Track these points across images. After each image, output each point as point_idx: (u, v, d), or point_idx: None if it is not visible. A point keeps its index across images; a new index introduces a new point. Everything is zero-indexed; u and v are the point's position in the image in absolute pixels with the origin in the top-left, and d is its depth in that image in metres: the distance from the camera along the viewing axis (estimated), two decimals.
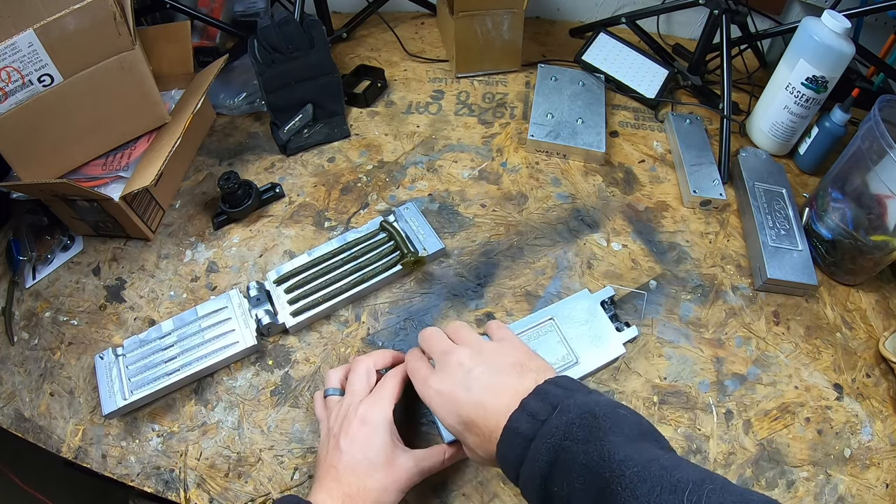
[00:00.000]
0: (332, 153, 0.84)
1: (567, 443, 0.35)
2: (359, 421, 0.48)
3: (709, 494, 0.30)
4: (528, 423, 0.38)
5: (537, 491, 0.37)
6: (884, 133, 0.59)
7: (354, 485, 0.46)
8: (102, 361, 0.61)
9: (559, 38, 1.03)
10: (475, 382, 0.43)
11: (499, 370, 0.43)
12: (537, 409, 0.38)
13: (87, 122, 0.71)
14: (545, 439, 0.36)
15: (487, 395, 0.41)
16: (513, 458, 0.38)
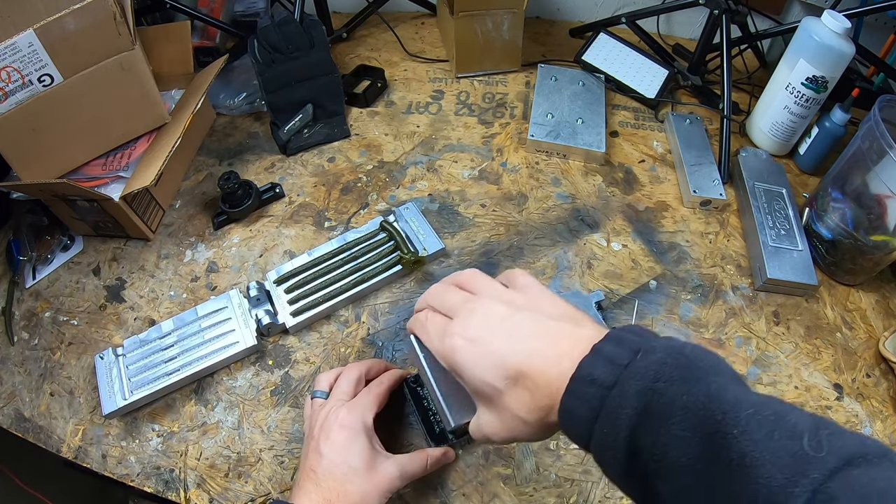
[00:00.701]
0: (332, 153, 0.84)
1: (660, 385, 0.29)
2: (338, 425, 0.48)
3: (828, 439, 0.26)
4: (606, 368, 0.30)
5: (622, 446, 0.29)
6: (884, 133, 0.59)
7: (334, 489, 0.45)
8: (102, 361, 0.61)
9: (559, 38, 1.03)
10: (519, 329, 0.35)
11: (548, 316, 0.36)
12: (615, 354, 0.31)
13: (87, 122, 0.71)
14: (631, 383, 0.29)
15: (540, 341, 0.34)
16: (584, 411, 0.31)
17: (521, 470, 0.55)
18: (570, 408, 0.32)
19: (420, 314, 0.43)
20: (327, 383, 0.54)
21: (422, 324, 0.42)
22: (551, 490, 0.54)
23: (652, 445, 0.29)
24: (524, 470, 0.55)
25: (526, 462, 0.56)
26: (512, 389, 0.34)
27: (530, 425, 0.35)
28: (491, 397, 0.36)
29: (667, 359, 0.30)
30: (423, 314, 0.42)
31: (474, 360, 0.36)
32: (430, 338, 0.40)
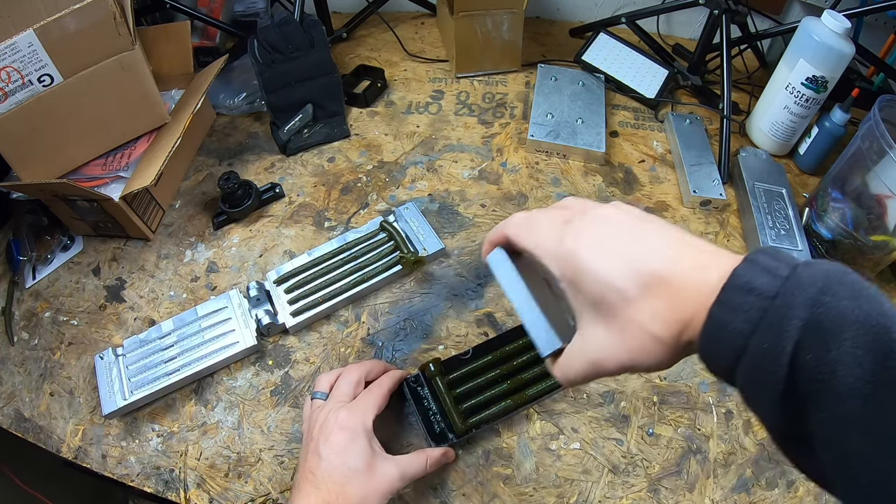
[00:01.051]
0: (332, 153, 0.84)
1: (828, 298, 0.25)
2: (338, 427, 0.48)
3: None
4: (766, 277, 0.27)
5: (785, 362, 0.25)
6: (884, 133, 0.59)
7: (333, 491, 0.45)
8: (102, 361, 0.61)
9: (559, 38, 1.03)
10: (653, 235, 0.31)
11: (676, 229, 0.32)
12: (773, 266, 0.27)
13: (87, 122, 0.71)
14: (797, 294, 0.26)
15: (679, 247, 0.30)
16: (740, 323, 0.26)
17: (521, 470, 0.55)
18: (721, 319, 0.27)
19: (519, 215, 0.37)
20: (327, 384, 0.54)
21: (528, 225, 0.35)
22: (551, 490, 0.54)
23: (818, 363, 0.25)
24: (524, 470, 0.55)
25: (526, 462, 0.56)
26: (646, 297, 0.29)
27: (661, 343, 0.29)
28: (615, 308, 0.30)
29: (832, 272, 0.26)
30: (523, 215, 0.37)
31: (602, 260, 0.30)
32: (542, 238, 0.34)
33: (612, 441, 0.57)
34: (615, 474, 0.55)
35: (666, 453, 0.56)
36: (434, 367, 0.57)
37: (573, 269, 0.32)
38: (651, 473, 0.55)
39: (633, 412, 0.59)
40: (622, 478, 0.55)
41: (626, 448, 0.56)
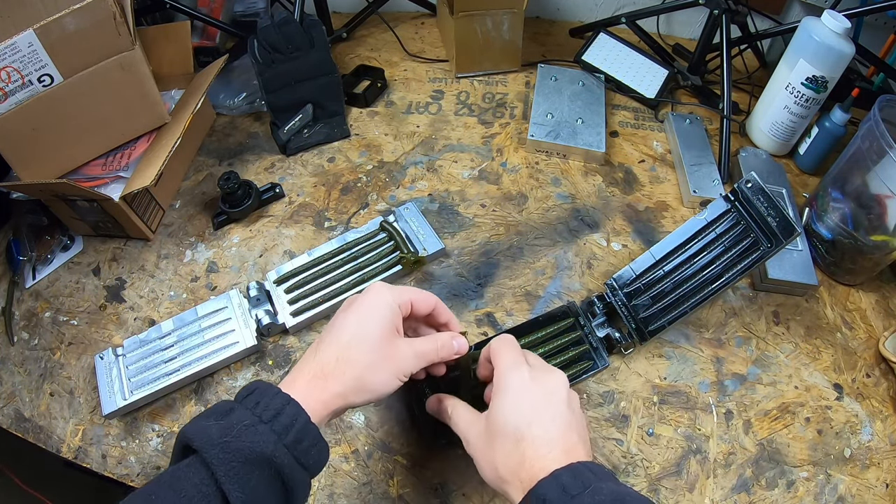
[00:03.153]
0: (332, 153, 0.84)
1: None
2: (363, 296, 0.45)
3: None
4: (558, 494, 0.36)
5: None
6: (884, 133, 0.59)
7: (333, 355, 0.42)
8: (102, 361, 0.61)
9: (559, 38, 1.03)
10: (562, 417, 0.41)
11: (574, 423, 0.42)
12: (569, 484, 0.36)
13: (87, 122, 0.71)
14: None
15: (559, 432, 0.40)
16: None
17: None
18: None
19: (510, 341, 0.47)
20: None
21: (511, 348, 0.46)
22: None
23: None
24: None
25: None
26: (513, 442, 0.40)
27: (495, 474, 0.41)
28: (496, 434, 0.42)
29: (607, 502, 0.35)
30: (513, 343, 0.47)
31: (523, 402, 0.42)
32: (509, 362, 0.44)
33: (612, 441, 0.57)
34: (615, 474, 0.55)
35: (666, 453, 0.56)
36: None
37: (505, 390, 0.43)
38: (651, 473, 0.55)
39: (633, 412, 0.59)
40: (622, 478, 0.55)
41: (626, 448, 0.56)
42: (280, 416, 0.37)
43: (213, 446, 0.34)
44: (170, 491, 0.34)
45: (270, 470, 0.35)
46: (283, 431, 0.36)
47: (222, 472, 0.34)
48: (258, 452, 0.35)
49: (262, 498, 0.35)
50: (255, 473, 0.34)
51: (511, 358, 0.45)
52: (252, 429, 0.36)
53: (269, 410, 0.37)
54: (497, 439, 0.41)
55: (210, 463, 0.34)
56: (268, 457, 0.35)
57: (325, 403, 0.40)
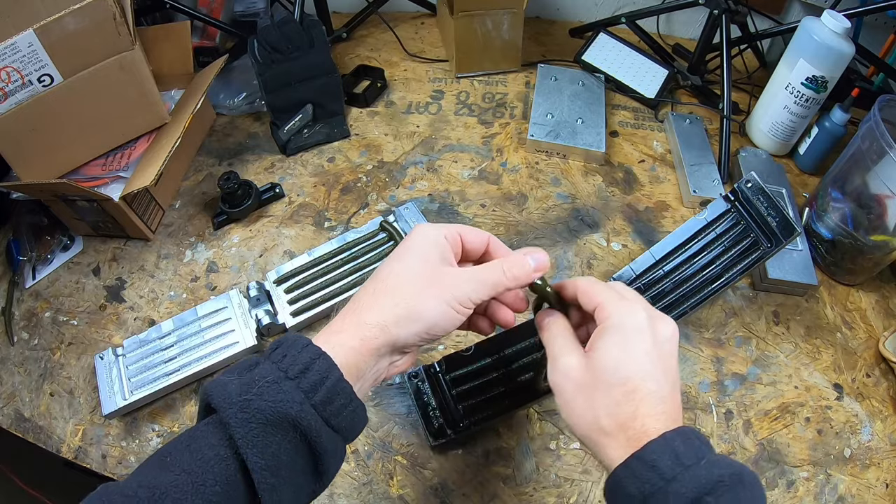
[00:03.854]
0: (332, 153, 0.84)
1: (709, 499, 0.30)
2: (405, 238, 0.40)
3: None
4: (671, 461, 0.31)
5: None
6: (884, 133, 0.59)
7: (370, 290, 0.37)
8: (102, 361, 0.61)
9: (559, 38, 1.03)
10: (673, 372, 0.36)
11: (678, 381, 0.37)
12: (682, 452, 0.32)
13: (87, 122, 0.71)
14: (687, 486, 0.31)
15: (670, 389, 0.35)
16: (633, 489, 0.32)
17: (521, 470, 0.55)
18: (621, 479, 0.33)
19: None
20: None
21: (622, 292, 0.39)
22: (551, 490, 0.54)
23: None
24: (524, 470, 0.55)
25: (526, 462, 0.56)
26: (622, 399, 0.34)
27: (589, 427, 0.35)
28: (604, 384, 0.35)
29: (725, 478, 0.31)
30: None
31: (641, 353, 0.35)
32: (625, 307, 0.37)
33: None
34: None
35: None
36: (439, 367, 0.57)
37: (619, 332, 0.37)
38: None
39: None
40: None
41: None
42: (309, 371, 0.32)
43: (232, 405, 0.30)
44: (186, 452, 0.31)
45: (295, 433, 0.31)
46: (310, 389, 0.31)
47: (240, 433, 0.30)
48: (281, 413, 0.30)
49: (286, 464, 0.31)
50: (278, 436, 0.30)
51: (616, 294, 0.38)
52: (275, 385, 0.31)
53: (296, 365, 0.32)
54: (602, 385, 0.35)
55: (228, 423, 0.30)
56: (292, 417, 0.30)
57: (364, 341, 0.35)
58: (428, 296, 0.36)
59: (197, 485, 0.30)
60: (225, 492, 0.30)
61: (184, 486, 0.29)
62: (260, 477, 0.30)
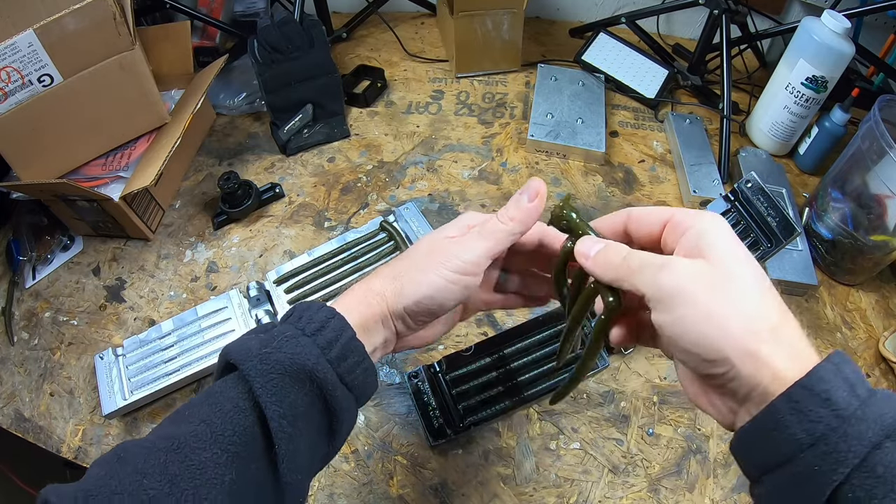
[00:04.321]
0: (332, 153, 0.84)
1: (888, 443, 0.24)
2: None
3: None
4: (846, 392, 0.25)
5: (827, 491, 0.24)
6: (884, 133, 0.59)
7: (387, 263, 0.38)
8: (102, 361, 0.61)
9: (559, 38, 1.03)
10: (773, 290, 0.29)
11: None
12: (854, 379, 0.25)
13: (87, 122, 0.71)
14: (866, 425, 0.24)
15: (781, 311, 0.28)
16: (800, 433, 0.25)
17: (521, 470, 0.55)
18: (782, 418, 0.26)
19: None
20: None
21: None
22: (551, 490, 0.54)
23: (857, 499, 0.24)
24: (524, 470, 0.55)
25: (526, 462, 0.56)
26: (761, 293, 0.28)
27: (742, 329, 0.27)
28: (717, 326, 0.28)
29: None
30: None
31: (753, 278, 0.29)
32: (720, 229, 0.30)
33: (612, 441, 0.57)
34: (615, 474, 0.55)
35: (666, 453, 0.56)
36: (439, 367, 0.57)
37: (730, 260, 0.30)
38: (651, 473, 0.55)
39: (633, 412, 0.59)
40: (622, 478, 0.55)
41: (626, 448, 0.56)
42: (324, 329, 0.33)
43: (251, 358, 0.31)
44: (205, 405, 0.31)
45: (312, 385, 0.31)
46: (326, 346, 0.32)
47: (259, 383, 0.30)
48: (299, 364, 0.31)
49: (303, 415, 0.31)
50: (296, 387, 0.31)
51: (694, 212, 0.32)
52: (294, 340, 0.32)
53: (312, 323, 0.33)
54: (736, 283, 0.28)
55: (247, 375, 0.31)
56: (309, 370, 0.31)
57: (370, 307, 0.35)
58: (423, 268, 0.35)
59: (216, 434, 0.30)
60: (243, 441, 0.30)
61: (202, 434, 0.30)
62: (277, 425, 0.30)
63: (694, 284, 0.28)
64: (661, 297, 0.28)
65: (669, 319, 0.28)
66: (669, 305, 0.28)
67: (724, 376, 0.28)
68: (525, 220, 0.35)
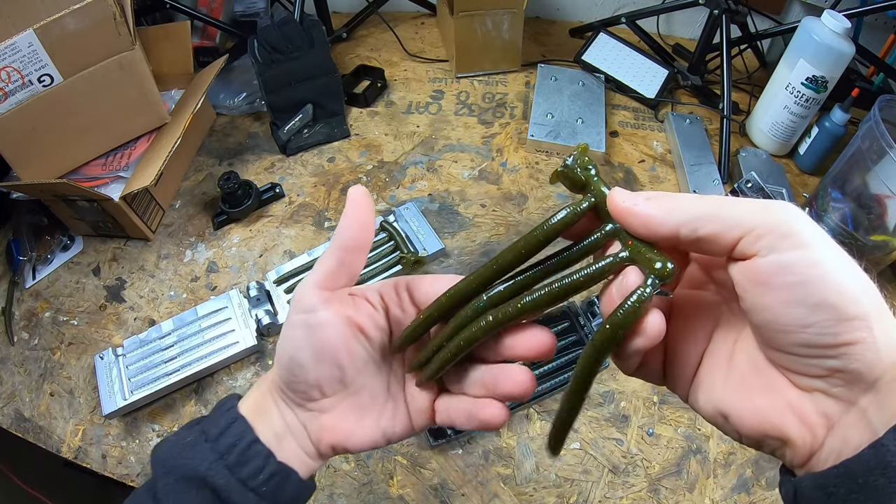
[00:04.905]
0: (332, 153, 0.84)
1: None
2: None
3: None
4: None
5: None
6: (884, 133, 0.59)
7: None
8: (102, 361, 0.61)
9: (559, 38, 1.03)
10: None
11: None
12: None
13: (87, 122, 0.71)
14: None
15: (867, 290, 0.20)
16: None
17: (521, 470, 0.55)
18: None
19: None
20: None
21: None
22: (551, 490, 0.54)
23: None
24: (524, 470, 0.55)
25: (526, 462, 0.56)
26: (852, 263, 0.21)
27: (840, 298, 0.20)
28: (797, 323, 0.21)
29: None
30: None
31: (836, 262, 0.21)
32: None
33: (612, 441, 0.57)
34: (615, 474, 0.55)
35: (666, 453, 0.56)
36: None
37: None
38: (651, 473, 0.55)
39: (633, 412, 0.59)
40: (622, 478, 0.55)
41: (626, 448, 0.56)
42: (225, 434, 0.32)
43: (158, 462, 0.32)
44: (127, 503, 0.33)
45: (208, 490, 0.31)
46: (226, 451, 0.31)
47: (160, 486, 0.31)
48: (193, 470, 0.31)
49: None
50: (192, 492, 0.31)
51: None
52: (194, 447, 0.32)
53: (215, 428, 0.32)
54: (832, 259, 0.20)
55: (155, 477, 0.32)
56: (201, 475, 0.30)
57: (261, 384, 0.33)
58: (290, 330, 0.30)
59: None
60: None
61: None
62: None
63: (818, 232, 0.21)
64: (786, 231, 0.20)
65: (795, 258, 0.20)
66: (797, 242, 0.20)
67: (853, 348, 0.20)
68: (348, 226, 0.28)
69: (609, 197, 0.24)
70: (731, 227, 0.21)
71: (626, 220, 0.23)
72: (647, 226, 0.23)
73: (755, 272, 0.21)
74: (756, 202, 0.21)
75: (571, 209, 0.25)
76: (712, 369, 0.25)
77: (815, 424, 0.21)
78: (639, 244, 0.23)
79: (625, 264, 0.23)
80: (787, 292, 0.20)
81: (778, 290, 0.20)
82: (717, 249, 0.22)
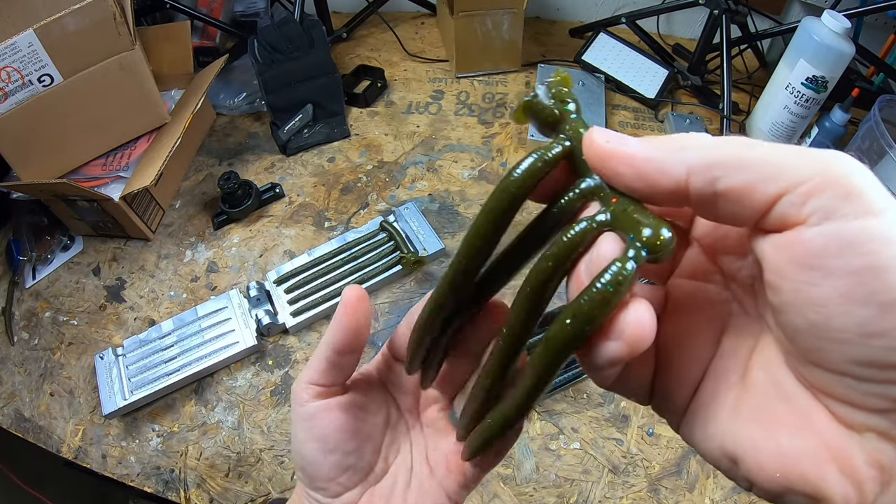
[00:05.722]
0: (332, 153, 0.84)
1: None
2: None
3: None
4: None
5: None
6: (884, 133, 0.59)
7: None
8: (102, 361, 0.61)
9: (559, 38, 1.03)
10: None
11: None
12: None
13: (87, 122, 0.71)
14: None
15: None
16: None
17: (521, 470, 0.55)
18: None
19: None
20: None
21: None
22: (551, 490, 0.54)
23: None
24: (524, 470, 0.55)
25: (526, 462, 0.56)
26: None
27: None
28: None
29: None
30: None
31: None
32: None
33: (612, 441, 0.57)
34: (615, 474, 0.55)
35: (666, 453, 0.56)
36: None
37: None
38: (651, 473, 0.55)
39: (633, 412, 0.59)
40: (622, 478, 0.55)
41: (626, 448, 0.56)
42: None
43: None
44: None
45: None
46: None
47: None
48: None
49: None
50: None
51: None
52: None
53: None
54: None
55: None
56: None
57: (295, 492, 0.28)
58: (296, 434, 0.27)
59: None
60: None
61: None
62: None
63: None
64: (851, 190, 0.13)
65: (864, 230, 0.13)
66: (866, 207, 0.13)
67: None
68: (339, 330, 0.26)
69: (586, 137, 0.17)
70: (769, 179, 0.14)
71: (610, 168, 0.16)
72: (641, 173, 0.16)
73: (801, 248, 0.14)
74: (799, 149, 0.15)
75: (538, 155, 0.17)
76: (717, 391, 0.18)
77: (864, 478, 0.15)
78: (626, 202, 0.16)
79: (603, 230, 0.16)
80: (848, 281, 0.13)
81: (835, 278, 0.13)
82: (742, 212, 0.15)
